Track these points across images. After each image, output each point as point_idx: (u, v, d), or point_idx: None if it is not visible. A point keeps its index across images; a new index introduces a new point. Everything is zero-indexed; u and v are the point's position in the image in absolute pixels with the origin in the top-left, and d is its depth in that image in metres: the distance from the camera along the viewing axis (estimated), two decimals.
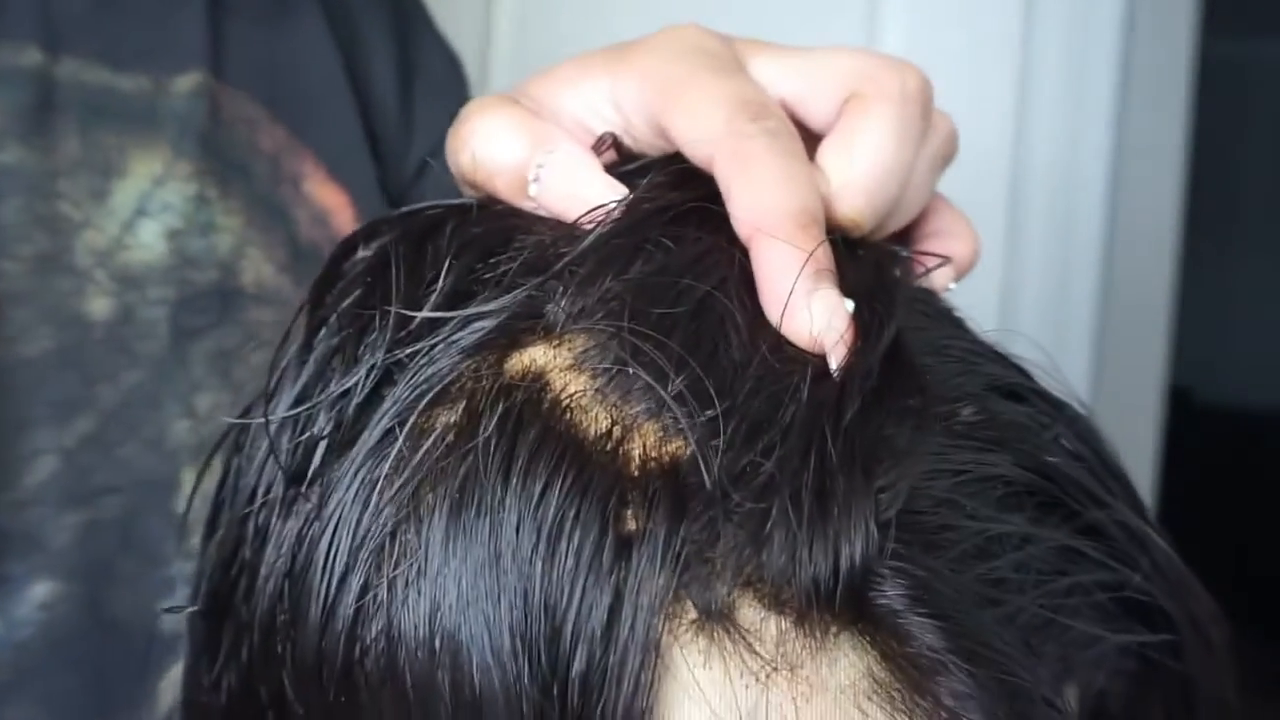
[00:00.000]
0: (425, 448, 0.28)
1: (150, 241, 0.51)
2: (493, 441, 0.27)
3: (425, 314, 0.30)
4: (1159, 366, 1.22)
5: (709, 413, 0.27)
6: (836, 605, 0.25)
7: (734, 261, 0.30)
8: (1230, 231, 3.00)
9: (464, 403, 0.28)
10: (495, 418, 0.27)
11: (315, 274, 0.45)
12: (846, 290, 0.30)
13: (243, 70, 0.55)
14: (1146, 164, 1.20)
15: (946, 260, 0.36)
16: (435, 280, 0.30)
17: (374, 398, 0.30)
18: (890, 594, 0.26)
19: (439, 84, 0.64)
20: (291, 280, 0.53)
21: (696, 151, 0.32)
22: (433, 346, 0.29)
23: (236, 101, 0.55)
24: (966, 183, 0.42)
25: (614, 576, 0.26)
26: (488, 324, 0.29)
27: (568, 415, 0.27)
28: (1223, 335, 3.03)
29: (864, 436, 0.27)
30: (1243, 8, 2.47)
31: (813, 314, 0.29)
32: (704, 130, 0.32)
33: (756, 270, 0.30)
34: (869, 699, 0.26)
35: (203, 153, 0.53)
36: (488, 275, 0.31)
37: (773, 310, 0.29)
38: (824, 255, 0.30)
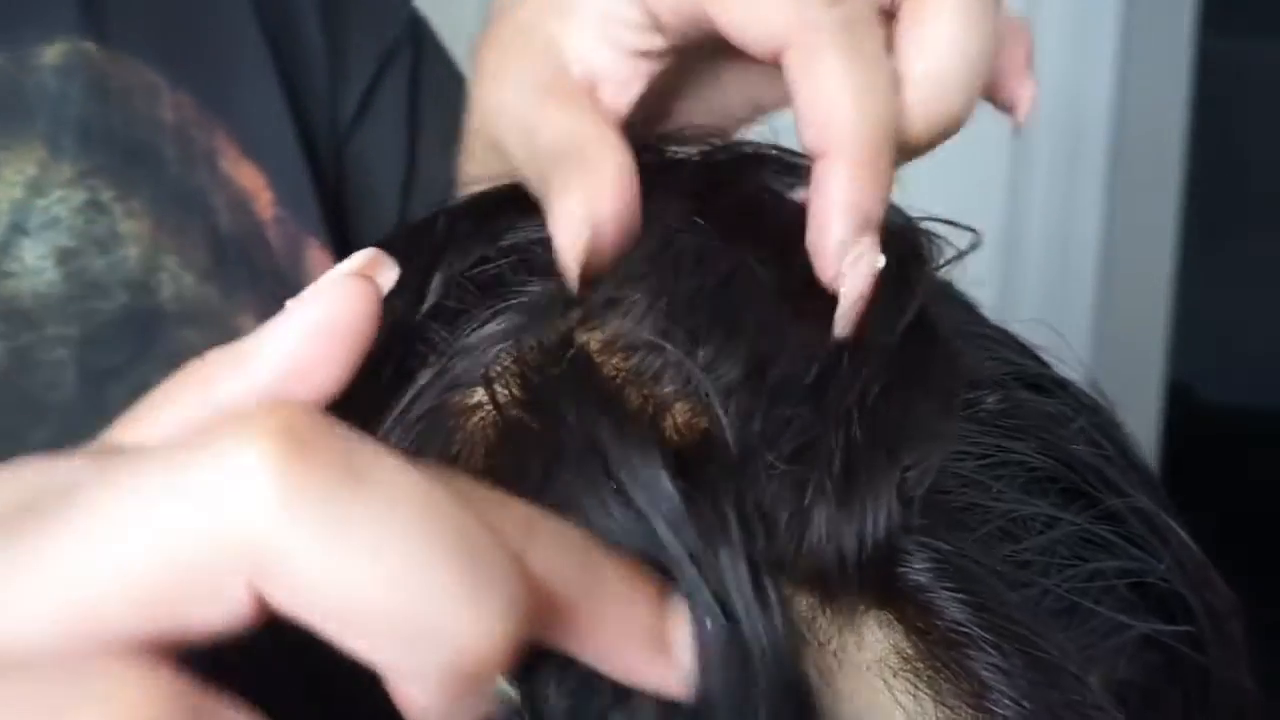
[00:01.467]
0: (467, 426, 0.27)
1: (38, 266, 0.41)
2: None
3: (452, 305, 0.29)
4: (1159, 364, 1.22)
5: (737, 388, 0.26)
6: (861, 581, 0.25)
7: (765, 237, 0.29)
8: (1230, 231, 3.00)
9: (506, 384, 0.28)
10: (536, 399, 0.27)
11: (245, 277, 0.40)
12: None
13: (131, 31, 0.45)
14: (1146, 164, 1.20)
15: (964, 254, 0.34)
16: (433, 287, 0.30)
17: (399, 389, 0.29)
18: (918, 570, 0.26)
19: (371, 9, 0.53)
20: (218, 289, 0.44)
21: (757, 45, 0.28)
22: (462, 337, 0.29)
23: (128, 68, 0.44)
24: (966, 180, 0.42)
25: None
26: (516, 318, 0.29)
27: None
28: (1223, 335, 3.03)
29: (890, 414, 0.27)
30: (1242, 6, 2.47)
31: (846, 272, 0.27)
32: (766, 19, 0.27)
33: (814, 194, 0.28)
34: (896, 675, 0.26)
35: (86, 144, 0.42)
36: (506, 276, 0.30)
37: (816, 252, 0.28)
38: (877, 198, 0.28)
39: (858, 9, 0.27)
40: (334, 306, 0.22)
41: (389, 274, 0.25)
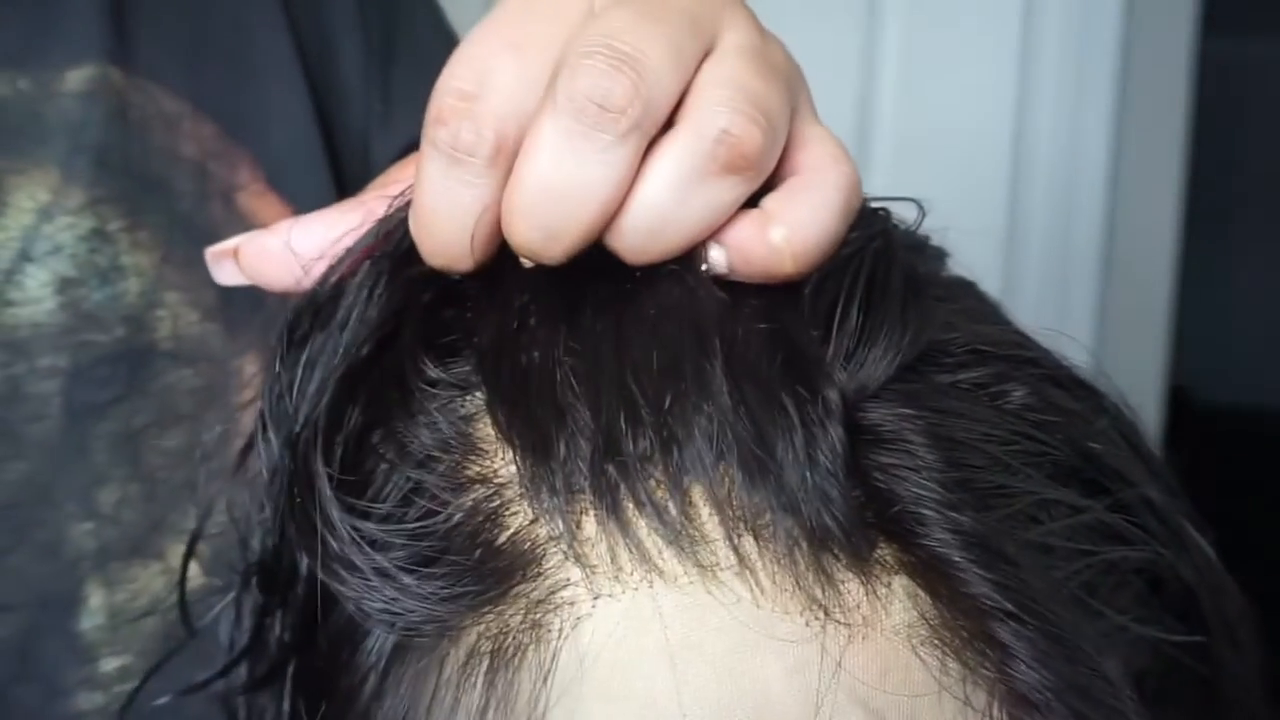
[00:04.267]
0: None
1: (38, 295, 0.40)
2: None
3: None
4: (1159, 366, 1.22)
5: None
6: (865, 534, 0.26)
7: None
8: (1230, 231, 3.00)
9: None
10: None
11: (249, 316, 0.40)
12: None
13: (157, 57, 0.44)
14: (1146, 164, 1.20)
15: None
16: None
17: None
18: (946, 541, 0.26)
19: (426, 61, 0.51)
20: (221, 329, 0.43)
21: None
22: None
23: (150, 97, 0.44)
24: (967, 183, 0.43)
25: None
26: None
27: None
28: (1223, 335, 3.03)
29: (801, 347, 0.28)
30: (1242, 7, 2.47)
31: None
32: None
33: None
34: (922, 644, 0.26)
35: (100, 172, 0.42)
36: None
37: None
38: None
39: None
40: None
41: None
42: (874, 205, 0.33)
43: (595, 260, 0.29)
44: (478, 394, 0.29)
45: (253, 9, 0.48)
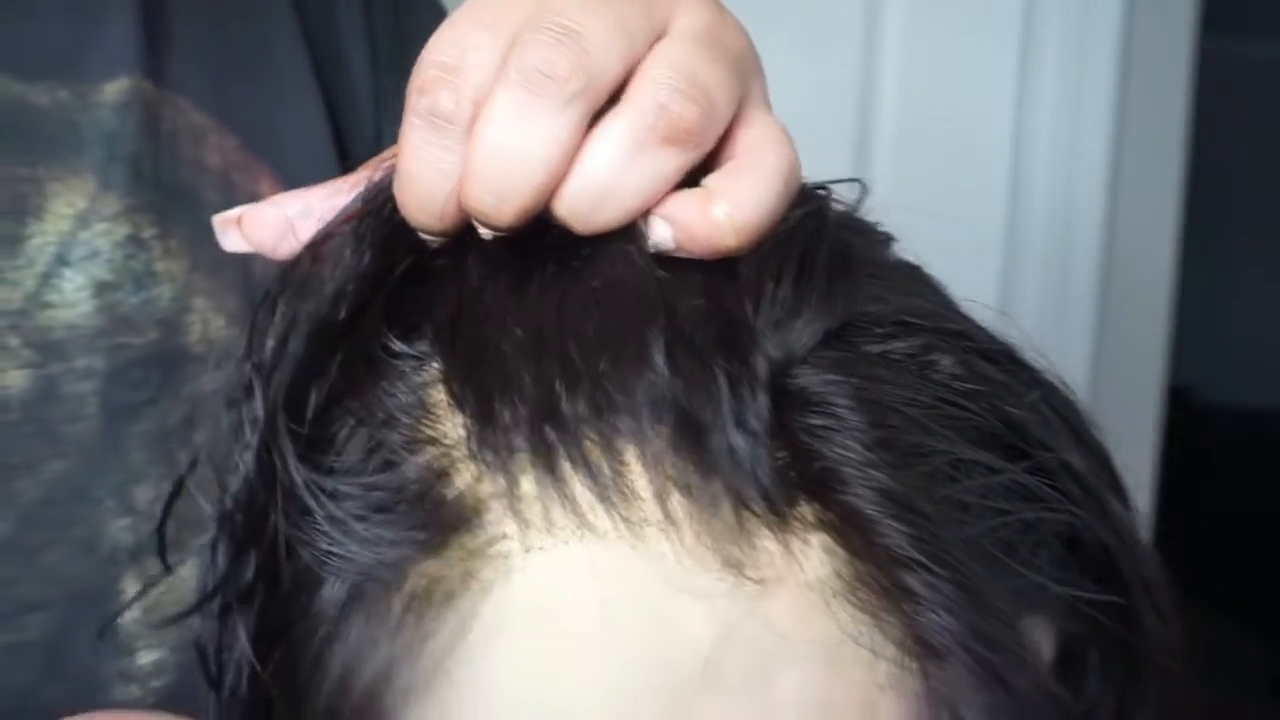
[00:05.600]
0: None
1: (75, 298, 0.42)
2: None
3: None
4: (1159, 366, 1.22)
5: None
6: (786, 491, 0.28)
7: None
8: (1230, 231, 3.00)
9: None
10: None
11: None
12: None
13: (186, 71, 0.46)
14: (1146, 164, 1.20)
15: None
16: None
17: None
18: (863, 496, 0.28)
19: None
20: (244, 334, 0.44)
21: None
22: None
23: (179, 110, 0.45)
24: (967, 183, 0.43)
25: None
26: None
27: None
28: (1223, 335, 3.03)
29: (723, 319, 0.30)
30: (1242, 7, 2.47)
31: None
32: None
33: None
34: (835, 596, 0.28)
35: (135, 181, 0.43)
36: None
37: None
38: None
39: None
40: None
41: None
42: (814, 186, 0.35)
43: (548, 240, 0.31)
44: (434, 364, 0.31)
45: (272, 20, 0.49)
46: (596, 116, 0.30)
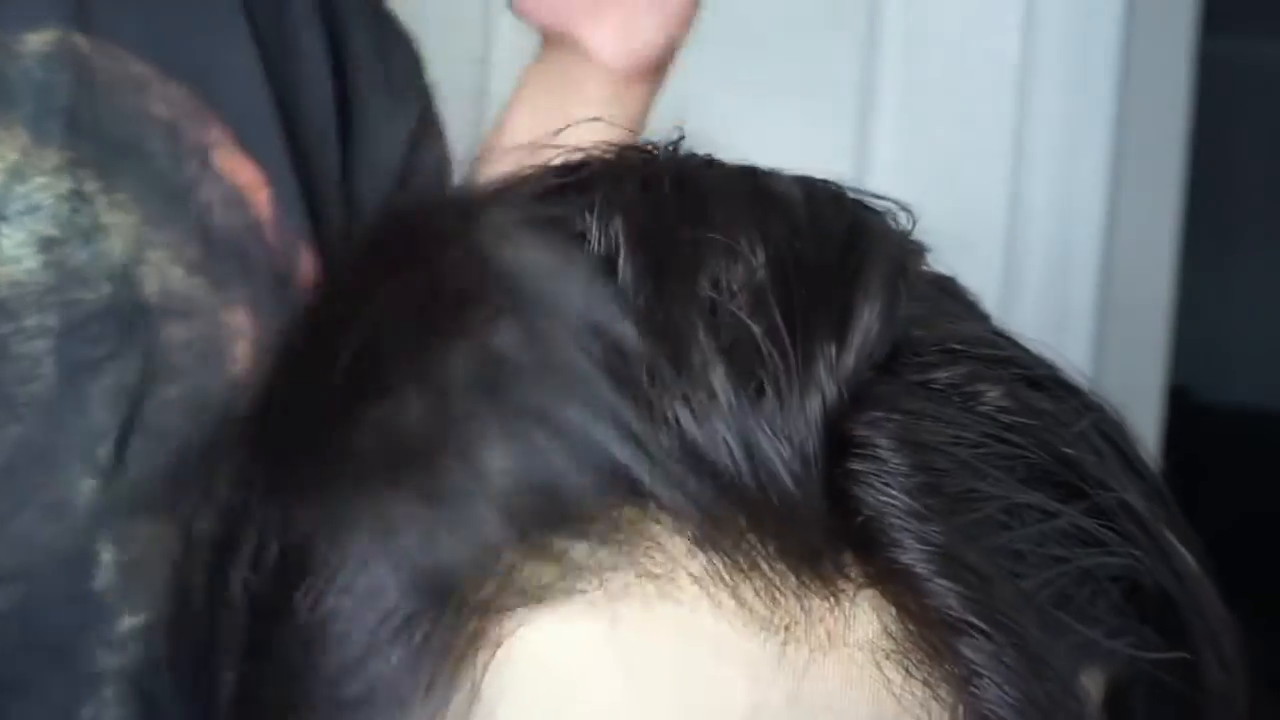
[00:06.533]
0: None
1: (17, 254, 0.40)
2: None
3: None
4: (1159, 366, 1.22)
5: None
6: (836, 540, 0.26)
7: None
8: (1230, 231, 3.00)
9: None
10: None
11: (237, 272, 0.40)
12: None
13: (119, 19, 0.44)
14: (1146, 163, 1.20)
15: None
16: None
17: None
18: (911, 552, 0.26)
19: (390, 73, 0.53)
20: (208, 282, 0.43)
21: None
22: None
23: (115, 60, 0.44)
24: (966, 183, 0.43)
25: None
26: None
27: None
28: (1223, 335, 3.03)
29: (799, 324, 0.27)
30: (1242, 7, 2.47)
31: None
32: None
33: None
34: (887, 658, 0.26)
35: (73, 134, 0.42)
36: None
37: None
38: None
39: None
40: None
41: None
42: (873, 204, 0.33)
43: None
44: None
45: None
46: None
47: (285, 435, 0.29)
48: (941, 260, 0.36)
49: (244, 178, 0.45)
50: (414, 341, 0.28)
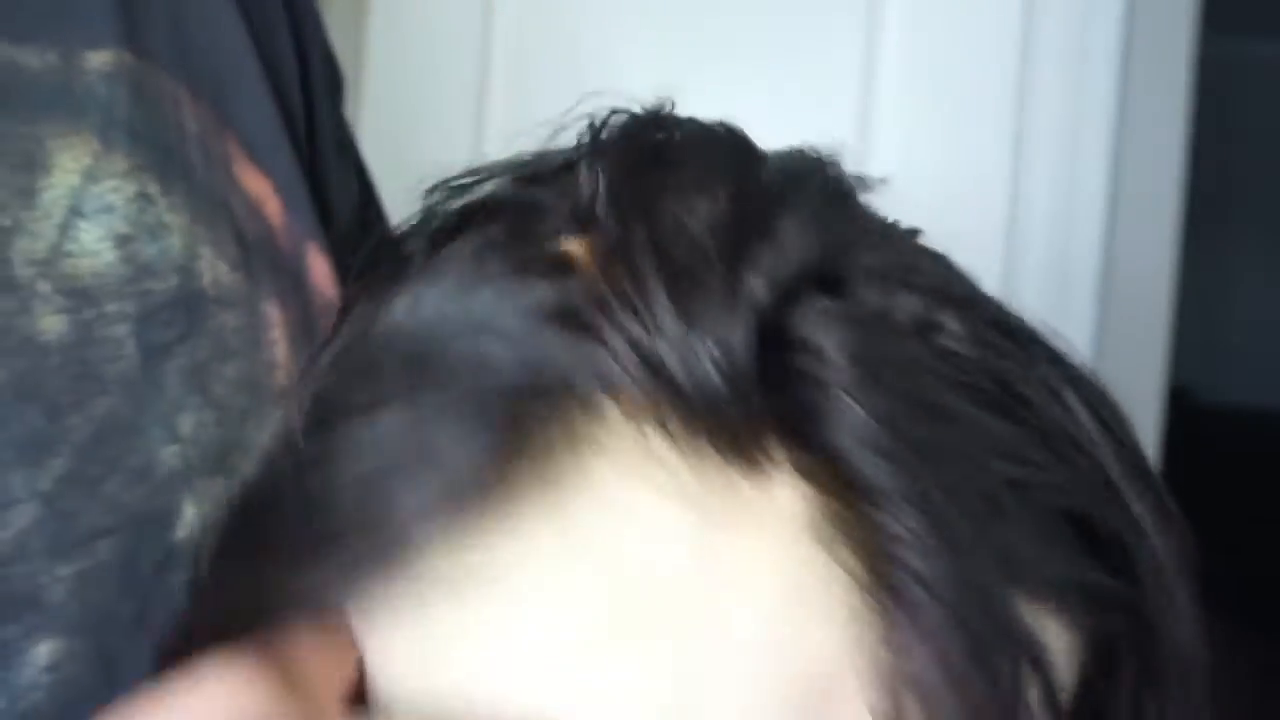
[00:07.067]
0: None
1: (95, 248, 0.45)
2: None
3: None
4: (1159, 366, 1.22)
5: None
6: (756, 411, 0.27)
7: None
8: (1230, 232, 3.00)
9: None
10: None
11: (266, 269, 0.45)
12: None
13: (156, 42, 0.48)
14: (1146, 164, 1.20)
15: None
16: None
17: None
18: (838, 431, 0.27)
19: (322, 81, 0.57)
20: (245, 278, 0.48)
21: None
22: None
23: (157, 79, 0.48)
24: (966, 183, 0.43)
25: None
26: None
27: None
28: (1223, 335, 3.03)
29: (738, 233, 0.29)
30: (1242, 7, 2.47)
31: None
32: None
33: None
34: (806, 533, 0.27)
35: (134, 143, 0.46)
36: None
37: None
38: None
39: None
40: None
41: None
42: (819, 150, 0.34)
43: None
44: None
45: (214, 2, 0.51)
46: None
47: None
48: None
49: (257, 188, 0.50)
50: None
